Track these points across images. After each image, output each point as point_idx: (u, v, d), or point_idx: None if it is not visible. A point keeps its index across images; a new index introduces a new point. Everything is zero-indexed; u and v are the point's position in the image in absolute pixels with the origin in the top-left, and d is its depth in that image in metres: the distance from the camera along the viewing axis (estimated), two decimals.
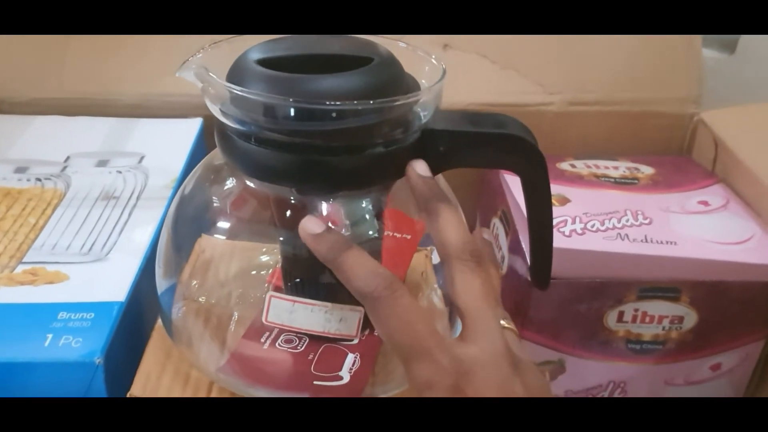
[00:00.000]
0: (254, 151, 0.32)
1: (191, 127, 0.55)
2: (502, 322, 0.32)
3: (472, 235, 0.32)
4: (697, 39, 0.60)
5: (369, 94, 0.30)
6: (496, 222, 0.53)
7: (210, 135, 0.55)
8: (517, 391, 0.30)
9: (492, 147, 0.34)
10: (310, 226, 0.32)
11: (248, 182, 0.35)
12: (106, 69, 0.58)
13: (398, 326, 0.30)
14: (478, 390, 0.29)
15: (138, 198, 0.47)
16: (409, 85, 0.34)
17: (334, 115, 0.30)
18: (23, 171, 0.49)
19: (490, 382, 0.29)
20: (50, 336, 0.36)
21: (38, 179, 0.48)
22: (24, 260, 0.41)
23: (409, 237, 0.40)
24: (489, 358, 0.30)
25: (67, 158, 0.51)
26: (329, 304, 0.34)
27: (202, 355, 0.38)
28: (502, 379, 0.30)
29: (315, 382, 0.36)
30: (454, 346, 0.30)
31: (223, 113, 0.32)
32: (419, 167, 0.33)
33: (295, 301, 0.34)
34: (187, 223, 0.39)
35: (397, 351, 0.30)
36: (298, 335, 0.37)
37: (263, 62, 0.31)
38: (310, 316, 0.34)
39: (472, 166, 0.35)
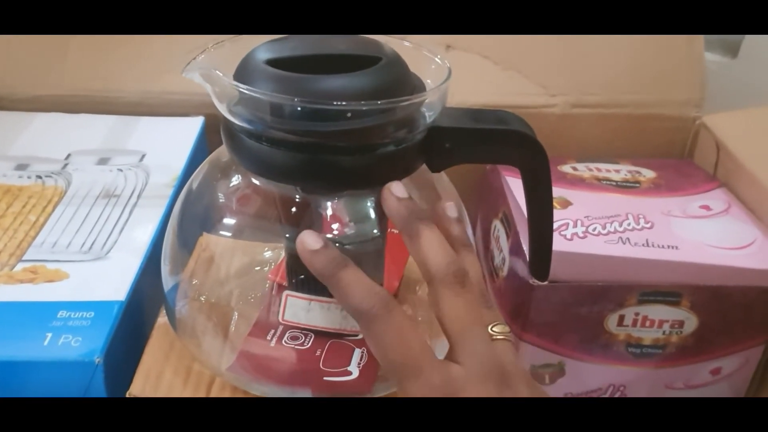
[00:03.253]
0: (261, 149, 0.32)
1: (193, 125, 0.55)
2: (495, 329, 0.33)
3: (454, 255, 0.32)
4: (699, 42, 0.60)
5: (377, 94, 0.30)
6: (497, 224, 0.53)
7: (211, 133, 0.55)
8: None
9: (495, 142, 0.35)
10: (308, 240, 0.32)
11: (254, 180, 0.35)
12: (107, 66, 0.57)
13: (392, 343, 0.30)
14: None
15: (139, 196, 0.47)
16: (415, 85, 0.34)
17: (349, 115, 0.30)
18: (24, 168, 0.49)
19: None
20: (50, 335, 0.36)
21: (39, 176, 0.48)
22: (24, 258, 0.41)
23: None
24: (475, 378, 0.30)
25: (68, 156, 0.51)
26: None
27: (213, 353, 0.38)
28: (489, 396, 0.30)
29: (325, 378, 0.36)
30: (444, 365, 0.30)
31: (231, 112, 0.32)
32: (396, 189, 0.33)
33: (311, 300, 0.34)
34: (194, 219, 0.39)
35: (390, 368, 0.30)
36: (304, 332, 0.37)
37: (271, 62, 0.31)
38: (327, 313, 0.34)
39: (476, 161, 0.36)
